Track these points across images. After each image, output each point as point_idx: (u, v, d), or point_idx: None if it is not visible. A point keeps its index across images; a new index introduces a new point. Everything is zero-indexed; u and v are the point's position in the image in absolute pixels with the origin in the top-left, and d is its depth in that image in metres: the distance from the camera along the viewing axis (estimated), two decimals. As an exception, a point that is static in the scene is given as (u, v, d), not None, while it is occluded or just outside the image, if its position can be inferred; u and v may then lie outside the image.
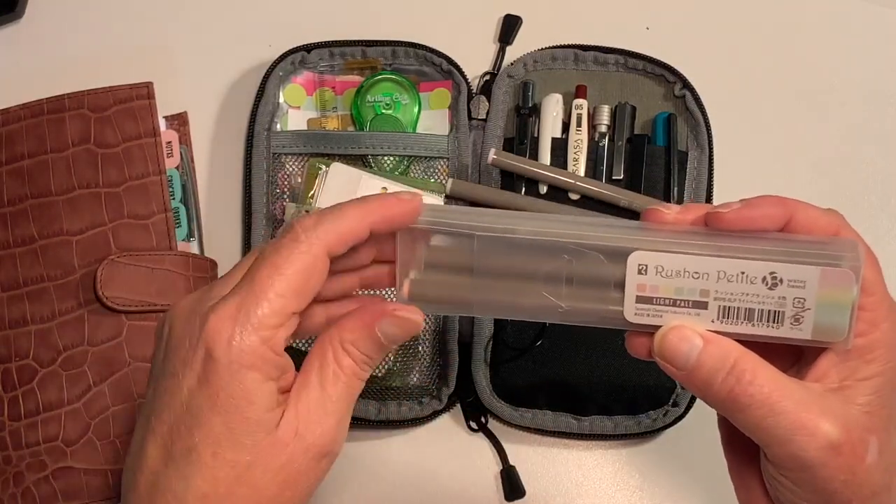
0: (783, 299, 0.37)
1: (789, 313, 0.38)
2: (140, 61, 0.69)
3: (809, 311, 0.37)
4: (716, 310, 0.38)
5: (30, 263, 0.62)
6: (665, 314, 0.38)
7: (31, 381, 0.60)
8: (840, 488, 0.37)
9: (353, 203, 0.38)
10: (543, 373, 0.62)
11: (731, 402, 0.37)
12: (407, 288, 0.40)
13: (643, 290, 0.38)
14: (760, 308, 0.38)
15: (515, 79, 0.68)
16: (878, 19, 0.72)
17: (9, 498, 0.59)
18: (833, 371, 0.38)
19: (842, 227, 0.39)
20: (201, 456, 0.36)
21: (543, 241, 0.39)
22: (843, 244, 0.38)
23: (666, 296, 0.38)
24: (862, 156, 0.69)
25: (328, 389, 0.38)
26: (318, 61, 0.68)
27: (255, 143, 0.66)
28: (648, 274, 0.38)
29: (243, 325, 0.36)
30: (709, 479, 0.61)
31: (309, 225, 0.37)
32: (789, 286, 0.37)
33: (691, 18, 0.72)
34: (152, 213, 0.63)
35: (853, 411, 0.37)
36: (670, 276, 0.38)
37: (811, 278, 0.37)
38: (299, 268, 0.37)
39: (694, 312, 0.38)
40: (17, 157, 0.64)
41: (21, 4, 0.71)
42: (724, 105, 0.67)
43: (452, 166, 0.66)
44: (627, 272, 0.38)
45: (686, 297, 0.38)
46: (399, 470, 0.62)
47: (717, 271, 0.37)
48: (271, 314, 0.36)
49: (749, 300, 0.38)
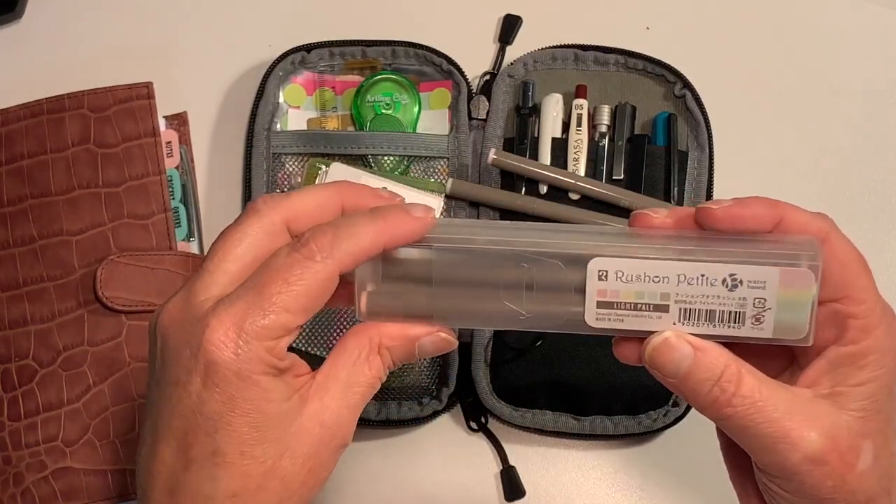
0: (744, 300, 0.38)
1: (750, 314, 0.38)
2: (140, 61, 0.69)
3: (770, 311, 0.38)
4: (677, 312, 0.38)
5: (30, 263, 0.62)
6: (626, 318, 0.38)
7: (31, 382, 0.60)
8: (829, 494, 0.37)
9: (369, 221, 0.38)
10: (543, 373, 0.62)
11: (715, 411, 0.37)
12: (364, 301, 0.39)
13: (604, 296, 0.38)
14: (721, 309, 0.38)
15: (515, 79, 0.68)
16: (878, 19, 0.72)
17: (8, 498, 0.59)
18: (825, 377, 0.38)
19: (830, 232, 0.38)
20: (228, 456, 0.36)
21: (501, 251, 0.38)
22: (804, 243, 0.38)
23: (627, 300, 0.38)
24: (862, 156, 0.69)
25: (354, 387, 0.39)
26: (318, 61, 0.68)
27: (255, 143, 0.65)
28: (609, 279, 0.38)
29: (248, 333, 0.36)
30: (709, 479, 0.61)
31: (325, 244, 0.37)
32: (749, 287, 0.37)
33: (691, 18, 0.72)
34: (152, 213, 0.63)
35: (844, 417, 0.37)
36: (630, 280, 0.38)
37: (771, 279, 0.37)
38: (311, 286, 0.36)
39: (655, 316, 0.38)
40: (16, 157, 0.64)
41: (21, 4, 0.71)
42: (724, 105, 0.67)
43: (452, 166, 0.66)
44: (588, 278, 0.38)
45: (647, 300, 0.38)
46: (399, 470, 0.62)
47: (678, 275, 0.38)
48: (277, 327, 0.36)
49: (710, 302, 0.38)
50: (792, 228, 0.38)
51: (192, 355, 0.36)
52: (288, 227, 0.39)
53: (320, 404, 0.38)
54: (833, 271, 0.38)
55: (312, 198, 0.39)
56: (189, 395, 0.36)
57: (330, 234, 0.37)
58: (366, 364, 0.39)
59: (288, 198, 0.39)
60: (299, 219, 0.39)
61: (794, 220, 0.38)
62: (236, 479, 0.36)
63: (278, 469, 0.37)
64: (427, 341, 0.39)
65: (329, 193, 0.40)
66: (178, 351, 0.37)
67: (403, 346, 0.39)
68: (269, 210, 0.39)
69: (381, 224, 0.37)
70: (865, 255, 0.39)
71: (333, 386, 0.38)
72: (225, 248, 0.38)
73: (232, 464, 0.36)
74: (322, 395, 0.38)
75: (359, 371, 0.39)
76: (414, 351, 0.39)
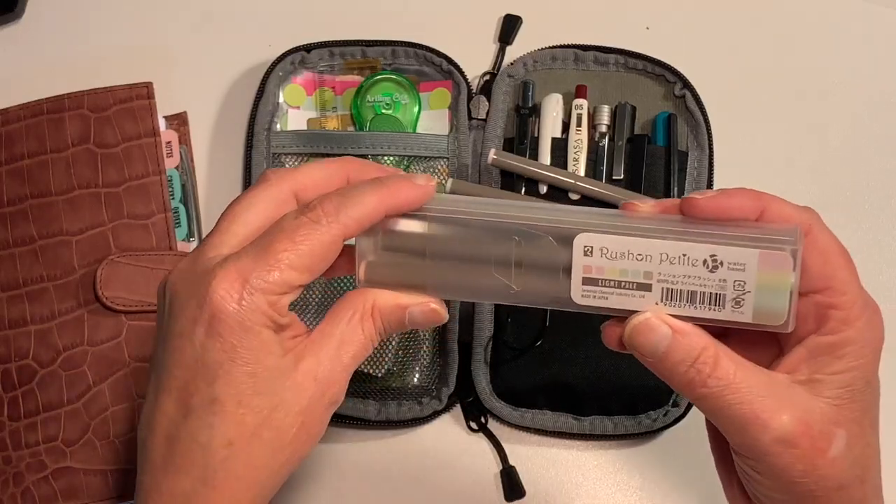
0: (724, 282, 0.38)
1: (730, 296, 0.38)
2: (140, 61, 0.69)
3: (749, 295, 0.38)
4: (659, 292, 0.39)
5: (30, 263, 0.62)
6: (611, 296, 0.39)
7: (31, 382, 0.60)
8: (799, 478, 0.38)
9: (373, 188, 0.39)
10: (543, 373, 0.62)
11: (691, 390, 0.38)
12: (363, 269, 0.41)
13: (589, 272, 0.39)
14: (702, 291, 0.38)
15: (515, 79, 0.68)
16: (878, 19, 0.72)
17: (9, 498, 0.59)
18: (803, 365, 0.39)
19: (814, 224, 0.39)
20: (225, 405, 0.38)
21: (495, 224, 0.39)
22: (786, 230, 0.38)
23: (611, 277, 0.39)
24: (862, 156, 0.69)
25: (347, 346, 0.40)
26: (318, 61, 0.68)
27: (254, 143, 0.66)
28: (594, 256, 0.39)
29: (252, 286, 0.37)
30: (709, 479, 0.61)
31: (331, 210, 0.39)
32: (730, 269, 0.38)
33: (691, 18, 0.72)
34: (152, 213, 0.63)
35: (819, 404, 0.38)
36: (615, 258, 0.38)
37: (750, 261, 0.38)
38: (315, 247, 0.38)
39: (639, 295, 0.39)
40: (16, 157, 0.64)
41: (21, 4, 0.71)
42: (724, 105, 0.67)
43: (452, 166, 0.66)
44: (574, 254, 0.39)
45: (630, 278, 0.39)
46: (399, 470, 0.62)
47: (660, 253, 0.38)
48: (280, 283, 0.38)
49: (691, 283, 0.38)
50: (775, 219, 0.39)
51: (197, 305, 0.38)
52: (296, 197, 0.41)
53: (314, 360, 0.39)
54: (815, 263, 0.38)
55: (319, 170, 0.41)
56: (192, 344, 0.38)
57: (335, 201, 0.39)
58: (359, 325, 0.40)
59: (297, 170, 0.41)
60: (307, 189, 0.41)
61: (777, 212, 0.39)
62: (232, 427, 0.38)
63: (272, 420, 0.38)
64: (417, 311, 0.41)
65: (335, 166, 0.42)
66: (184, 303, 0.38)
67: (394, 312, 0.41)
68: (279, 180, 0.41)
69: (384, 191, 0.39)
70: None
71: (327, 343, 0.40)
72: (235, 212, 0.40)
73: (229, 412, 0.38)
74: (316, 350, 0.40)
75: (352, 330, 0.40)
76: (404, 319, 0.41)
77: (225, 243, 0.39)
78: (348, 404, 0.61)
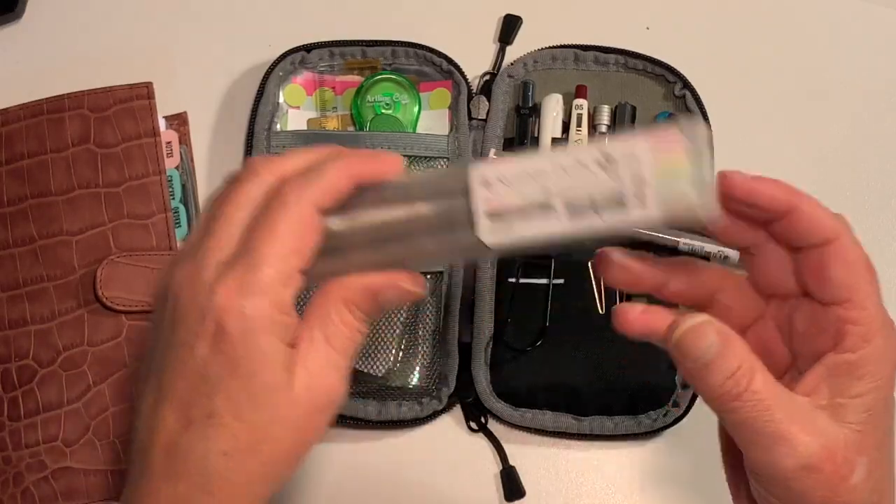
0: (621, 179, 0.36)
1: (630, 192, 0.36)
2: (140, 61, 0.69)
3: (650, 187, 0.36)
4: (563, 209, 0.37)
5: (30, 263, 0.62)
6: (516, 224, 0.37)
7: (31, 382, 0.60)
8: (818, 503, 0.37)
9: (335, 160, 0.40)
10: (543, 373, 0.62)
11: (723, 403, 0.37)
12: None
13: (491, 204, 0.37)
14: (601, 194, 0.36)
15: (515, 79, 0.68)
16: (878, 19, 0.72)
17: (8, 498, 0.59)
18: (823, 385, 0.38)
19: (842, 233, 0.38)
20: (223, 418, 0.38)
21: (403, 191, 0.39)
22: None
23: (513, 203, 0.37)
24: (862, 156, 0.69)
25: (333, 344, 0.40)
26: (318, 61, 0.68)
27: (255, 143, 0.66)
28: (493, 186, 0.37)
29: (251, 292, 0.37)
30: (709, 479, 0.61)
31: (295, 187, 0.39)
32: (624, 163, 0.36)
33: (691, 18, 0.72)
34: (152, 213, 0.63)
35: (843, 431, 0.37)
36: (513, 182, 0.37)
37: (641, 149, 0.36)
38: (292, 227, 0.38)
39: (543, 217, 0.37)
40: (16, 157, 0.64)
41: (21, 4, 0.71)
42: (724, 105, 0.67)
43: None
44: (472, 189, 0.37)
45: (532, 199, 0.37)
46: (399, 470, 0.62)
47: (554, 164, 0.37)
48: (275, 275, 0.38)
49: (589, 187, 0.36)
50: (805, 218, 0.38)
51: (200, 318, 0.38)
52: None
53: (304, 372, 0.39)
54: (838, 273, 0.38)
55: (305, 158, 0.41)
56: (194, 358, 0.38)
57: (300, 179, 0.39)
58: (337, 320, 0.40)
59: (283, 159, 0.41)
60: None
61: (809, 212, 0.38)
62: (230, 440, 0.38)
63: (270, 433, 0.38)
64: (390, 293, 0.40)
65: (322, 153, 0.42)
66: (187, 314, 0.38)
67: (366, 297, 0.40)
68: (266, 172, 0.40)
69: (346, 161, 0.40)
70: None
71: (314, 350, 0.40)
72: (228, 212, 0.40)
73: (225, 426, 0.38)
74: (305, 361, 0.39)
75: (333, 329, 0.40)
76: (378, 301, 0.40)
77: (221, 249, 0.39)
78: (348, 404, 0.61)
